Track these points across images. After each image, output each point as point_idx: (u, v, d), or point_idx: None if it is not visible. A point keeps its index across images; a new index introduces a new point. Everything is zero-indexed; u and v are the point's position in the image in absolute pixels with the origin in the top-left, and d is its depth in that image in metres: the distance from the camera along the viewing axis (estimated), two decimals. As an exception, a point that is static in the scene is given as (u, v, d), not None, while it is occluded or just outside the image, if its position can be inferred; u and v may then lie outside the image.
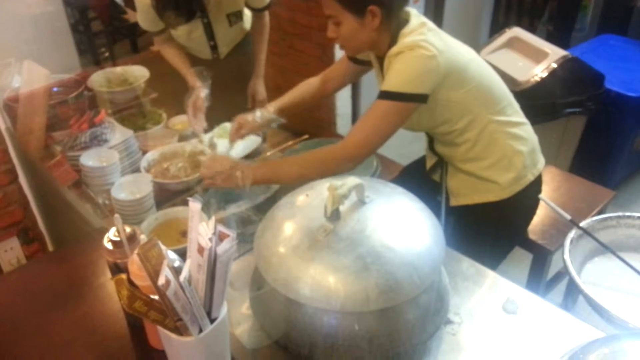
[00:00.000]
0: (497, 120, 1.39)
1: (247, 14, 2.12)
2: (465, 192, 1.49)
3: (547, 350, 0.97)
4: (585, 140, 2.56)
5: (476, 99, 1.36)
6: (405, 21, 1.35)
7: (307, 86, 1.67)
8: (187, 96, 1.86)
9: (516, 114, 1.45)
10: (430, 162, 1.61)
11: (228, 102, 2.07)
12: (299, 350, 0.93)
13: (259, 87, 2.20)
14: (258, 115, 1.60)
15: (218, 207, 1.41)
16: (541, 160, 1.51)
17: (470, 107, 1.36)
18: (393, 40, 1.33)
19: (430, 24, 1.35)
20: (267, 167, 1.40)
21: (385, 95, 1.30)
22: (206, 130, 1.76)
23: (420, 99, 1.30)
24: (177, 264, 0.84)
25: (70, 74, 1.97)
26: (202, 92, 1.83)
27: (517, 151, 1.42)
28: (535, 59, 2.36)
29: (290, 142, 1.78)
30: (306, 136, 1.82)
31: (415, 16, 1.36)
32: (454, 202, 1.52)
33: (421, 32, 1.30)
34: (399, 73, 1.29)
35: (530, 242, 1.69)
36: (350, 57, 1.59)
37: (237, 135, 1.60)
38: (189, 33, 1.99)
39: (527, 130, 1.47)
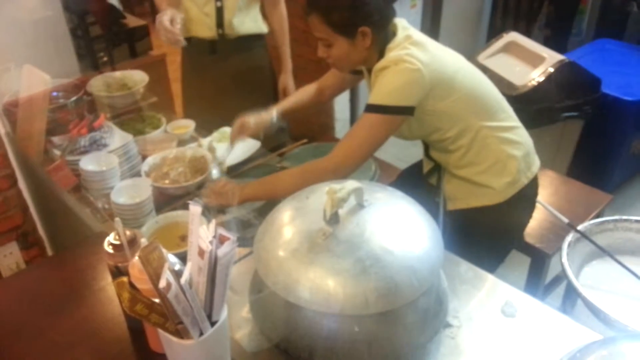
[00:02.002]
0: (489, 125, 1.40)
1: (260, 25, 2.10)
2: (461, 196, 1.50)
3: (545, 353, 0.97)
4: (582, 144, 2.58)
5: (466, 107, 1.37)
6: (392, 34, 1.36)
7: (305, 93, 1.71)
8: (159, 15, 1.82)
9: (509, 118, 1.46)
10: (427, 167, 1.62)
11: (234, 104, 2.05)
12: (298, 354, 0.94)
13: (290, 82, 2.17)
14: (262, 118, 1.62)
15: (218, 211, 1.41)
16: (536, 162, 1.52)
17: (460, 115, 1.37)
18: (380, 55, 1.35)
19: (416, 36, 1.35)
20: (255, 183, 1.43)
21: (371, 108, 1.32)
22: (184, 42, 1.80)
23: (406, 111, 1.31)
24: (177, 267, 0.85)
25: (69, 78, 1.97)
26: (174, 12, 1.80)
27: (511, 155, 1.43)
28: (533, 63, 2.38)
29: (289, 147, 1.79)
30: (304, 140, 1.82)
31: (402, 28, 1.37)
32: (450, 207, 1.53)
33: (405, 47, 1.31)
34: (385, 86, 1.30)
35: (528, 246, 1.69)
36: None
37: (238, 137, 1.62)
38: None
39: (520, 134, 1.48)
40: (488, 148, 1.41)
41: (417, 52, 1.30)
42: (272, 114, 1.64)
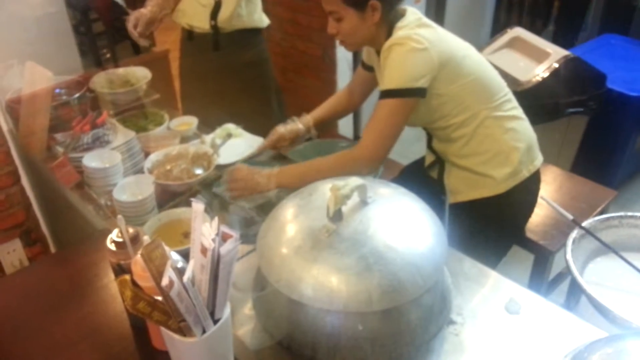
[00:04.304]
0: (494, 115, 1.41)
1: (257, 18, 2.09)
2: (461, 189, 1.51)
3: (550, 350, 0.97)
4: (587, 140, 2.56)
5: (473, 93, 1.38)
6: (401, 16, 1.38)
7: (337, 99, 1.73)
8: (134, 12, 1.91)
9: (514, 109, 1.48)
10: (428, 160, 1.63)
11: (227, 102, 2.06)
12: (301, 351, 0.94)
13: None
14: (296, 128, 1.63)
15: (221, 208, 1.41)
16: (539, 157, 1.53)
17: (467, 101, 1.38)
18: (389, 34, 1.36)
19: (426, 19, 1.38)
20: (291, 171, 1.43)
21: (385, 94, 1.33)
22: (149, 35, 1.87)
23: (419, 92, 1.32)
24: (180, 264, 0.84)
25: (72, 75, 1.97)
26: (148, 14, 1.87)
27: (514, 147, 1.44)
28: (537, 58, 2.36)
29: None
30: (307, 136, 1.81)
31: (412, 13, 1.39)
32: (451, 200, 1.54)
33: (413, 27, 1.33)
34: (395, 70, 1.31)
35: (532, 243, 1.68)
36: (362, 64, 1.62)
37: (271, 148, 1.64)
38: None
39: (524, 127, 1.49)
40: (491, 138, 1.42)
41: (425, 33, 1.32)
42: (308, 124, 1.65)
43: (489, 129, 1.41)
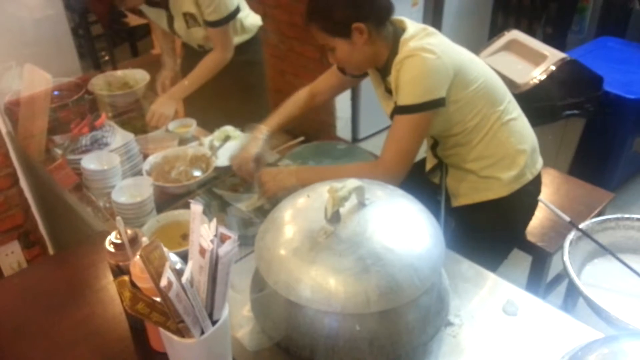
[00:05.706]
0: (502, 118, 1.43)
1: (249, 25, 2.11)
2: (465, 191, 1.51)
3: (547, 351, 0.97)
4: (584, 142, 2.57)
5: (484, 97, 1.39)
6: (401, 30, 1.37)
7: (295, 102, 1.68)
8: (157, 75, 2.05)
9: (517, 112, 1.49)
10: (430, 164, 1.62)
11: (225, 104, 2.06)
12: (299, 353, 0.94)
13: (163, 105, 1.88)
14: (257, 146, 1.55)
15: (219, 209, 1.41)
16: (540, 160, 1.54)
17: (479, 105, 1.39)
18: (394, 49, 1.35)
19: (430, 28, 1.38)
20: (311, 169, 1.49)
21: (403, 110, 1.33)
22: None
23: (438, 103, 1.32)
24: (178, 266, 0.85)
25: (70, 77, 1.98)
26: (169, 73, 2.04)
27: (520, 150, 1.45)
28: (534, 61, 2.37)
29: (290, 143, 1.78)
30: (301, 138, 1.81)
31: (412, 24, 1.39)
32: (454, 203, 1.54)
33: (422, 37, 1.33)
34: (411, 84, 1.31)
35: (530, 244, 1.69)
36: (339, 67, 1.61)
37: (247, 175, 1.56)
38: (156, 19, 2.04)
39: (528, 130, 1.51)
40: (498, 141, 1.43)
41: (435, 41, 1.32)
42: (264, 131, 1.59)
43: (497, 133, 1.42)
